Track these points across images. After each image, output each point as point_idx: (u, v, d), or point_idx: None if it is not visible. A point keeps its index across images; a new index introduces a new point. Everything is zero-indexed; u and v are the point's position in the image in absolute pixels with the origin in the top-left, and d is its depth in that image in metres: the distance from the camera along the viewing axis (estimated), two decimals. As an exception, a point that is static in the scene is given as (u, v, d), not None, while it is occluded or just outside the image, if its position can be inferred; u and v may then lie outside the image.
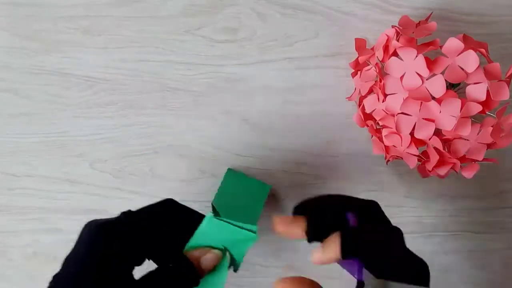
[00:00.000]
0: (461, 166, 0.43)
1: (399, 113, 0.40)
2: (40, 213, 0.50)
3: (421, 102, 0.39)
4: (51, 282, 0.30)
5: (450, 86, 0.43)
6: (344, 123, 0.50)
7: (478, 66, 0.38)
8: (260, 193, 0.47)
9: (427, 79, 0.39)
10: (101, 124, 0.49)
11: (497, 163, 0.44)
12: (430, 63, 0.39)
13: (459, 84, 0.43)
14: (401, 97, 0.40)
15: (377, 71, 0.42)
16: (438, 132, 0.40)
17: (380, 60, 0.42)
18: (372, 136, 0.46)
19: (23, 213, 0.50)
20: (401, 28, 0.43)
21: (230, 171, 0.48)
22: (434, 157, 0.41)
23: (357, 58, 0.46)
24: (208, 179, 0.50)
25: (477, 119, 0.41)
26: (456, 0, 0.49)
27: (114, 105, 0.49)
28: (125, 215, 0.33)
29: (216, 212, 0.43)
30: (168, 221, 0.34)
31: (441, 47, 0.40)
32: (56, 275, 0.30)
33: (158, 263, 0.33)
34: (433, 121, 0.39)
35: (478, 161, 0.42)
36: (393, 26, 0.43)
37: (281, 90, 0.49)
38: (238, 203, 0.45)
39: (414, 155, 0.42)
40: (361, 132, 0.49)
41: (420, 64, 0.39)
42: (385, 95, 0.40)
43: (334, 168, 0.50)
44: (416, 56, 0.39)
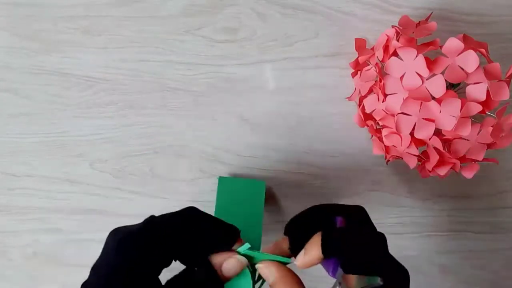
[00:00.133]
0: (461, 166, 0.43)
1: (399, 113, 0.40)
2: (40, 213, 0.50)
3: (421, 102, 0.39)
4: None
5: (450, 86, 0.43)
6: (344, 123, 0.50)
7: (478, 66, 0.38)
8: (257, 192, 0.46)
9: (427, 79, 0.39)
10: (101, 124, 0.49)
11: (497, 163, 0.44)
12: (430, 63, 0.39)
13: (459, 84, 0.43)
14: (401, 97, 0.39)
15: (377, 71, 0.42)
16: (438, 132, 0.40)
17: (380, 60, 0.42)
18: (372, 136, 0.46)
19: (23, 213, 0.50)
20: (401, 28, 0.43)
21: (222, 179, 0.47)
22: (434, 157, 0.41)
23: (357, 58, 0.46)
24: (208, 179, 0.50)
25: (477, 119, 0.41)
26: (456, 0, 0.49)
27: (114, 105, 0.49)
28: (150, 224, 0.32)
29: None
30: (191, 230, 0.33)
31: (441, 47, 0.40)
32: (85, 283, 0.30)
33: (186, 264, 0.33)
34: (433, 121, 0.39)
35: (478, 161, 0.42)
36: (393, 26, 0.43)
37: (281, 90, 0.49)
38: (239, 210, 0.45)
39: (414, 155, 0.42)
40: (361, 132, 0.49)
41: (420, 64, 0.39)
42: (385, 95, 0.40)
43: (334, 168, 0.50)
44: (416, 56, 0.39)
